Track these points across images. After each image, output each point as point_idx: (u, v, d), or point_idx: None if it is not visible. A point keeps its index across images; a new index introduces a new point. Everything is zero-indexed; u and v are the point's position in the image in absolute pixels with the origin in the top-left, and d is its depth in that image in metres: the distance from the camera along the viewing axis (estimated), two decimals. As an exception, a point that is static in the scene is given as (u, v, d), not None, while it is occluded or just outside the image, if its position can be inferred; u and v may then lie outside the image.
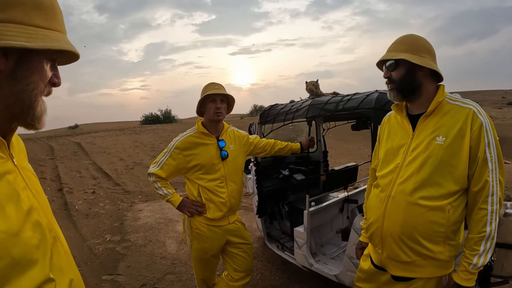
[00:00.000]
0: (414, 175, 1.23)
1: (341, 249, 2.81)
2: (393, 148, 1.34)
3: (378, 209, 1.33)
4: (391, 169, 1.32)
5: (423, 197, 1.20)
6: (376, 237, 1.35)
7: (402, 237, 1.24)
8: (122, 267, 3.19)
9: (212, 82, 1.89)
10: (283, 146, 2.22)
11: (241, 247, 1.98)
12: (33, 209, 0.69)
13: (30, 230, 0.66)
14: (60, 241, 0.77)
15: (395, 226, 1.26)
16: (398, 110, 1.36)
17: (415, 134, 1.27)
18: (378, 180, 1.39)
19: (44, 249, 0.69)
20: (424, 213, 1.19)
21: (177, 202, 1.86)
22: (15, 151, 0.75)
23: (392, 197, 1.28)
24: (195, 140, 1.85)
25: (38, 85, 0.67)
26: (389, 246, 1.30)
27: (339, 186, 2.77)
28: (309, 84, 2.68)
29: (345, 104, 2.07)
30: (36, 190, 0.75)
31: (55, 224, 0.78)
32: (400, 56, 1.25)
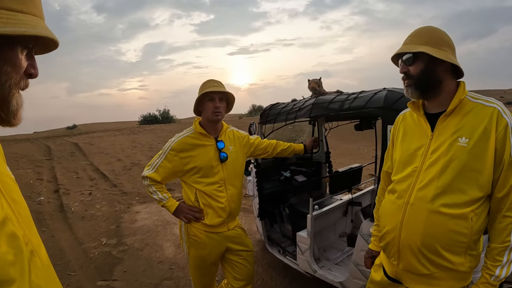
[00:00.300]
0: (435, 180, 1.11)
1: (345, 254, 2.71)
2: (410, 150, 1.23)
3: (394, 217, 1.22)
4: (409, 173, 1.21)
5: (445, 205, 1.09)
6: (392, 247, 1.24)
7: (422, 248, 1.13)
8: (118, 272, 3.08)
9: (211, 79, 1.77)
10: (286, 147, 2.11)
11: (241, 255, 1.87)
12: (7, 219, 0.60)
13: (5, 244, 0.57)
14: (37, 254, 0.67)
15: (414, 236, 1.15)
16: (415, 108, 1.25)
17: (434, 134, 1.16)
18: (394, 185, 1.27)
19: (21, 265, 0.60)
20: (446, 222, 1.09)
21: (173, 207, 1.75)
22: None
23: (411, 204, 1.17)
24: (192, 141, 1.74)
25: (11, 76, 0.59)
26: (406, 258, 1.19)
27: (343, 188, 2.66)
28: (311, 82, 2.57)
29: (351, 103, 1.96)
30: (12, 198, 0.65)
31: (33, 235, 0.69)
32: (419, 49, 1.13)
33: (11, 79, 0.59)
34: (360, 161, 8.87)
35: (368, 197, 3.21)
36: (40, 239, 0.75)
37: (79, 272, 3.09)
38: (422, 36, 1.16)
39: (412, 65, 1.17)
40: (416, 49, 1.14)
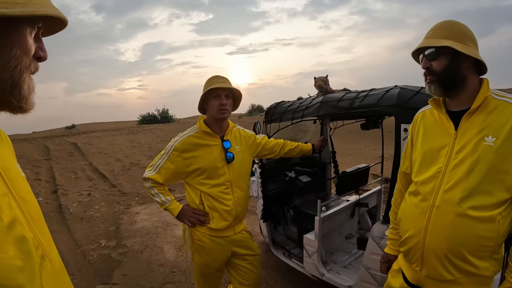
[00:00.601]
0: (462, 182, 1.05)
1: (353, 257, 2.63)
2: (433, 150, 1.16)
3: (418, 221, 1.15)
4: (433, 174, 1.14)
5: (472, 207, 1.03)
6: (415, 253, 1.17)
7: (448, 254, 1.07)
8: (117, 276, 2.99)
9: (216, 75, 1.68)
10: (294, 147, 2.02)
11: (247, 259, 1.78)
12: (16, 221, 0.56)
13: (13, 248, 0.54)
14: (49, 258, 0.63)
15: (440, 241, 1.08)
16: (436, 105, 1.18)
17: (458, 133, 1.10)
18: (417, 187, 1.19)
19: (31, 271, 0.56)
20: (474, 226, 1.03)
21: (176, 210, 1.66)
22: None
23: (437, 207, 1.10)
24: (196, 141, 1.65)
25: (22, 60, 0.56)
26: (430, 264, 1.12)
27: (351, 189, 2.58)
28: (318, 79, 2.49)
29: (362, 101, 1.88)
30: (21, 197, 0.61)
31: (44, 238, 0.65)
32: (443, 43, 1.07)
33: (21, 63, 0.56)
34: (362, 160, 8.80)
35: (374, 198, 3.13)
36: (53, 241, 0.70)
37: (77, 276, 3.00)
38: (445, 30, 1.11)
39: (435, 60, 1.12)
40: (439, 43, 1.08)
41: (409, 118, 1.68)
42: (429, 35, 1.14)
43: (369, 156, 9.58)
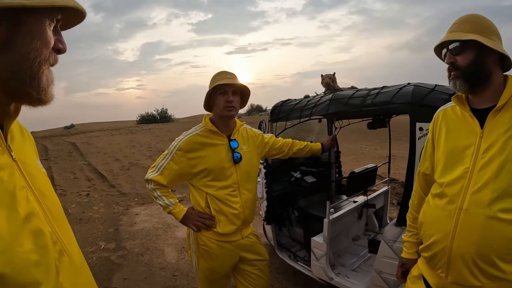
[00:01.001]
0: (491, 183, 0.99)
1: (361, 259, 2.55)
2: (458, 149, 1.10)
3: (445, 224, 1.08)
4: (460, 175, 1.07)
5: (503, 210, 0.97)
6: (441, 258, 1.10)
7: (476, 259, 1.01)
8: (117, 279, 2.90)
9: (223, 70, 1.58)
10: (302, 146, 1.92)
11: (256, 264, 1.69)
12: (33, 214, 0.57)
13: (29, 242, 0.54)
14: (68, 254, 0.63)
15: (469, 246, 1.02)
16: (460, 103, 1.12)
17: (484, 132, 1.04)
18: (443, 189, 1.12)
19: (46, 266, 0.56)
20: (504, 229, 0.97)
21: (181, 214, 1.56)
22: (16, 143, 0.63)
23: (465, 210, 1.03)
24: (202, 140, 1.55)
25: (42, 52, 0.56)
26: (457, 270, 1.06)
27: (359, 190, 2.50)
28: (325, 77, 2.41)
29: (374, 98, 1.80)
30: (40, 191, 0.62)
31: (64, 233, 0.65)
32: (469, 36, 1.02)
33: (41, 55, 0.56)
34: (363, 160, 8.74)
35: (381, 199, 3.06)
36: (74, 237, 0.70)
37: (76, 280, 2.91)
38: (470, 24, 1.06)
39: (460, 54, 1.07)
40: (465, 36, 1.03)
41: (424, 116, 1.61)
42: (452, 29, 1.09)
43: (370, 155, 9.52)
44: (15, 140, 0.64)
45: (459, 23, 1.08)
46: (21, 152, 0.63)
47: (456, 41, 1.06)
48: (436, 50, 1.16)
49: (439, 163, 1.17)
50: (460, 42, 1.05)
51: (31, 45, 0.54)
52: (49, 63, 0.59)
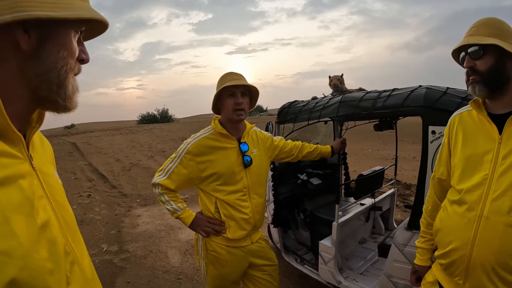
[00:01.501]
0: (511, 190, 0.97)
1: (368, 262, 2.52)
2: (476, 155, 1.08)
3: (464, 232, 1.05)
4: (479, 182, 1.05)
5: None
6: (459, 266, 1.08)
7: (496, 266, 0.99)
8: (120, 283, 2.86)
9: (231, 71, 1.55)
10: (312, 149, 1.88)
11: (265, 270, 1.65)
12: (49, 223, 0.58)
13: (45, 250, 0.54)
14: (79, 265, 0.64)
15: (489, 253, 1.00)
16: (477, 107, 1.10)
17: (503, 138, 1.02)
18: (462, 195, 1.09)
19: (59, 275, 0.57)
20: None
21: (189, 219, 1.52)
22: (36, 153, 0.64)
23: (486, 217, 1.01)
24: (212, 143, 1.51)
25: (68, 61, 0.59)
26: (476, 277, 1.04)
27: (367, 192, 2.47)
28: (333, 78, 2.38)
29: (385, 101, 1.77)
30: (57, 201, 0.63)
31: (76, 244, 0.66)
32: (489, 40, 1.00)
33: (67, 64, 0.58)
34: (365, 161, 8.72)
35: (388, 201, 3.03)
36: (86, 249, 0.71)
37: (79, 283, 2.87)
38: (490, 27, 1.04)
39: (479, 59, 1.04)
40: (486, 41, 1.01)
41: (437, 119, 1.59)
42: (471, 32, 1.06)
43: (372, 156, 9.50)
44: (36, 149, 0.65)
45: (478, 26, 1.05)
46: (40, 161, 0.64)
47: (475, 45, 1.03)
48: (454, 53, 1.14)
49: (457, 168, 1.14)
50: (480, 46, 1.03)
51: (58, 55, 0.57)
52: (74, 72, 0.62)
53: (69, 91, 0.60)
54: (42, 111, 0.64)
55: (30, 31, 0.53)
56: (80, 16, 0.56)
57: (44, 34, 0.55)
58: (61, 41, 0.57)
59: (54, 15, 0.52)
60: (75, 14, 0.55)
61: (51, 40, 0.56)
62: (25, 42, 0.53)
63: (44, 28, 0.55)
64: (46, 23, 0.54)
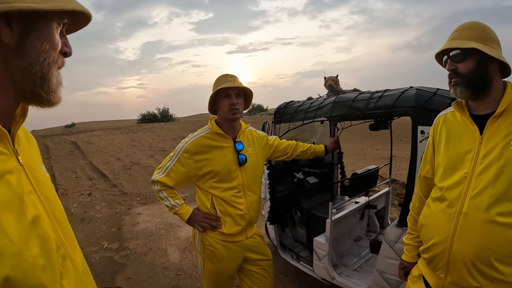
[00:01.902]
0: (489, 188, 1.02)
1: (362, 259, 2.58)
2: (458, 154, 1.13)
3: (445, 228, 1.11)
4: (459, 180, 1.10)
5: (501, 214, 1.00)
6: (440, 260, 1.13)
7: (475, 261, 1.04)
8: (121, 279, 2.93)
9: (225, 73, 1.61)
10: (306, 148, 1.95)
11: (260, 264, 1.72)
12: (39, 219, 0.57)
13: (36, 246, 0.54)
14: (71, 259, 0.63)
15: (468, 248, 1.05)
16: (460, 109, 1.15)
17: (483, 138, 1.07)
18: (443, 193, 1.15)
19: (52, 270, 0.56)
20: (502, 232, 1.00)
21: (187, 215, 1.59)
22: (22, 148, 0.64)
23: (465, 213, 1.06)
24: (209, 142, 1.58)
25: (50, 54, 0.58)
26: (457, 271, 1.09)
27: (361, 191, 2.53)
28: (328, 79, 2.44)
29: (377, 101, 1.83)
30: (45, 196, 0.63)
31: (67, 238, 0.65)
32: (470, 44, 1.04)
33: (49, 57, 0.58)
34: (364, 161, 8.76)
35: (383, 200, 3.08)
36: (77, 243, 0.71)
37: (80, 279, 2.94)
38: (471, 31, 1.08)
39: (461, 62, 1.09)
40: (467, 44, 1.06)
41: (427, 120, 1.64)
42: (454, 36, 1.11)
43: (371, 156, 9.55)
44: (21, 144, 0.64)
45: (460, 31, 1.10)
46: (27, 156, 0.64)
47: (457, 48, 1.08)
48: (437, 56, 1.19)
49: (440, 167, 1.19)
50: (462, 50, 1.07)
51: (41, 48, 0.56)
52: (57, 66, 0.60)
53: (53, 85, 0.59)
54: (25, 105, 0.63)
55: (12, 24, 0.52)
56: (62, 8, 0.55)
57: (26, 27, 0.54)
58: (44, 33, 0.56)
59: (36, 7, 0.51)
60: (57, 6, 0.54)
61: (34, 33, 0.55)
62: (7, 35, 0.52)
63: (26, 21, 0.54)
64: (28, 15, 0.53)
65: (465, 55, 1.07)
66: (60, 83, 0.62)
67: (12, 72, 0.55)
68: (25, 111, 0.63)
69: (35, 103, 0.61)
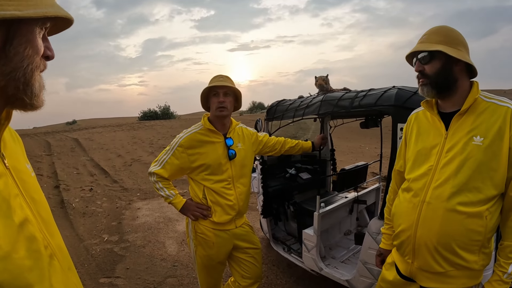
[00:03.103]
0: (451, 179, 1.12)
1: (350, 252, 2.69)
2: (425, 149, 1.23)
3: (410, 215, 1.21)
4: (424, 172, 1.20)
5: (461, 203, 1.09)
6: (407, 246, 1.23)
7: (438, 247, 1.14)
8: (120, 270, 3.05)
9: (218, 74, 1.74)
10: (294, 144, 2.07)
11: (249, 252, 1.84)
12: (27, 221, 0.59)
13: (23, 248, 0.56)
14: (57, 258, 0.66)
15: (430, 235, 1.15)
16: (429, 107, 1.25)
17: (449, 133, 1.16)
18: (409, 184, 1.26)
19: (40, 270, 0.59)
20: (462, 221, 1.09)
21: (180, 204, 1.71)
22: (8, 150, 0.65)
23: (427, 202, 1.16)
24: (201, 138, 1.70)
25: (33, 59, 0.58)
26: (422, 256, 1.19)
27: (349, 186, 2.64)
28: (318, 79, 2.54)
29: (361, 100, 1.93)
30: (31, 197, 0.64)
31: (53, 238, 0.68)
32: (436, 47, 1.13)
33: (33, 63, 0.58)
34: (362, 159, 8.86)
35: (373, 195, 3.19)
36: (62, 241, 0.73)
37: (80, 269, 3.06)
38: (438, 35, 1.16)
39: (428, 64, 1.18)
40: (432, 47, 1.14)
41: (406, 118, 1.74)
42: (422, 40, 1.19)
43: (369, 154, 9.63)
44: (8, 146, 0.65)
45: (428, 35, 1.18)
46: (13, 158, 0.65)
47: (424, 51, 1.16)
48: (408, 58, 1.28)
49: (409, 161, 1.30)
50: (428, 53, 1.16)
51: (24, 53, 0.56)
52: (40, 70, 0.61)
53: (35, 89, 0.59)
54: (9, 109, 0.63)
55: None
56: (45, 14, 0.55)
57: (9, 32, 0.54)
58: (27, 38, 0.56)
59: (20, 14, 0.52)
60: (40, 12, 0.54)
61: (17, 39, 0.55)
62: None
63: (9, 27, 0.54)
64: (10, 21, 0.53)
65: (431, 57, 1.15)
66: (42, 86, 0.62)
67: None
68: (10, 114, 0.63)
69: (19, 108, 0.61)
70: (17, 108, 0.61)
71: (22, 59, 0.56)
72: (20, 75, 0.56)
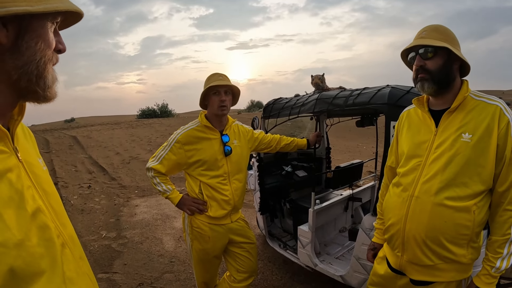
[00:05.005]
0: (439, 174, 1.15)
1: (345, 249, 2.73)
2: (415, 145, 1.26)
3: (399, 209, 1.25)
4: (413, 167, 1.24)
5: (449, 198, 1.13)
6: (397, 239, 1.27)
7: (426, 240, 1.17)
8: (118, 265, 3.09)
9: (216, 72, 1.77)
10: (289, 142, 2.11)
11: (244, 247, 1.88)
12: (39, 211, 0.62)
13: (36, 237, 0.59)
14: (69, 247, 0.68)
15: (419, 228, 1.18)
16: (420, 104, 1.27)
17: (438, 130, 1.20)
18: (399, 179, 1.29)
19: (52, 257, 0.61)
20: (450, 215, 1.12)
21: (177, 199, 1.75)
22: (21, 144, 0.67)
23: (416, 197, 1.20)
24: (198, 134, 1.74)
25: (46, 53, 0.60)
26: (411, 250, 1.22)
27: (344, 183, 2.68)
28: (314, 77, 2.58)
29: (355, 99, 1.97)
30: (43, 189, 0.67)
31: (65, 228, 0.70)
32: (442, 44, 1.14)
33: (45, 56, 0.60)
34: (359, 157, 8.89)
35: (368, 193, 3.23)
36: (74, 231, 0.75)
37: (79, 265, 3.09)
38: (439, 33, 1.18)
39: (430, 59, 1.17)
40: (439, 44, 1.14)
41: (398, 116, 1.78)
42: (423, 36, 1.19)
43: (366, 153, 9.68)
44: (20, 140, 0.67)
45: (428, 31, 1.18)
46: (25, 152, 0.67)
47: (428, 46, 1.16)
48: (403, 55, 1.28)
49: (400, 156, 1.34)
50: (433, 48, 1.15)
51: (36, 47, 0.58)
52: (52, 63, 0.63)
53: (48, 81, 0.62)
54: (23, 104, 0.65)
55: (8, 25, 0.54)
56: (56, 9, 0.57)
57: (22, 27, 0.56)
58: (39, 33, 0.58)
59: (31, 10, 0.53)
60: (51, 7, 0.56)
61: (29, 33, 0.57)
62: (4, 36, 0.54)
63: (21, 22, 0.55)
64: (23, 16, 0.55)
65: (435, 53, 1.16)
66: (55, 79, 0.64)
67: (8, 71, 0.57)
68: (23, 109, 0.66)
69: (32, 100, 0.63)
70: (31, 101, 0.64)
71: (34, 52, 0.58)
72: (33, 68, 0.58)
